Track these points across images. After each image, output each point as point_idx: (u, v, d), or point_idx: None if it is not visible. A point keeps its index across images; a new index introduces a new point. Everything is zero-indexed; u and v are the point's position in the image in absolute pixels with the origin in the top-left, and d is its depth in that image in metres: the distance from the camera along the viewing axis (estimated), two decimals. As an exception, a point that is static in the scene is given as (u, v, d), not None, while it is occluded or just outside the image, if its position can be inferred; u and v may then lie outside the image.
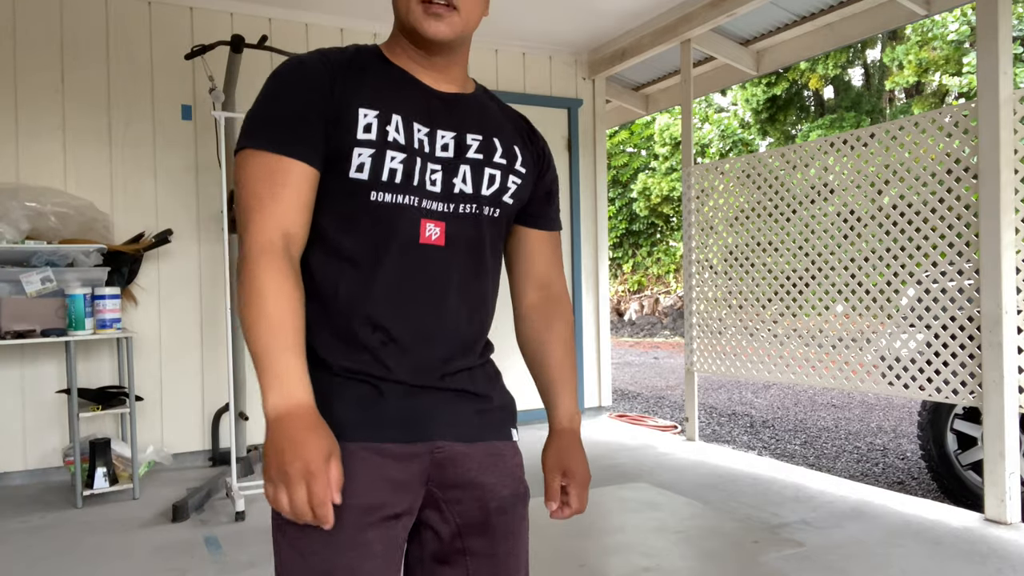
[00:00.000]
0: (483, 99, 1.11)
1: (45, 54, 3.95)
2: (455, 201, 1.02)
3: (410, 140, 0.98)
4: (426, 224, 1.00)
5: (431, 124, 1.01)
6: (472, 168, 1.03)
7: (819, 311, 3.88)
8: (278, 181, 0.92)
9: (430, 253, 1.00)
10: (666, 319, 16.04)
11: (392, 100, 1.00)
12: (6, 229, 3.49)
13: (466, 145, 1.03)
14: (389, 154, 0.96)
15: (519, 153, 1.08)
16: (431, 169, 1.00)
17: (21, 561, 2.75)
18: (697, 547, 2.81)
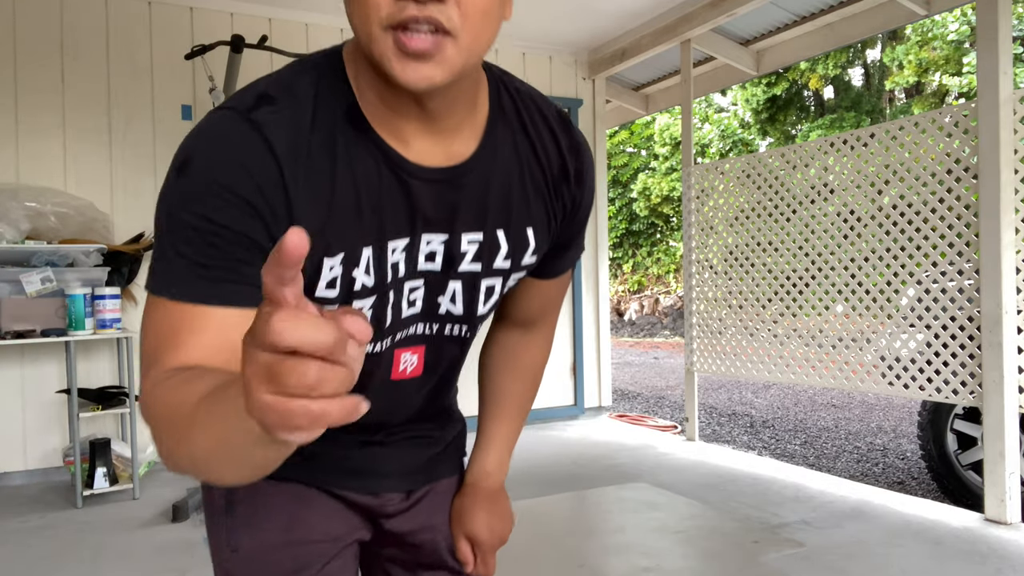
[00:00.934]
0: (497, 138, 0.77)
1: (45, 54, 3.95)
2: (440, 322, 0.82)
3: (382, 276, 0.74)
4: (401, 355, 0.82)
5: (413, 230, 0.74)
6: (464, 284, 0.80)
7: (819, 311, 3.88)
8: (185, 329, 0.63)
9: (402, 385, 0.85)
10: (666, 319, 16.04)
11: (366, 222, 0.70)
12: (6, 229, 3.49)
13: (459, 254, 0.77)
14: (355, 304, 0.74)
15: (531, 237, 0.81)
16: (409, 289, 0.77)
17: (21, 561, 2.75)
18: (697, 547, 2.81)
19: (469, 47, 0.63)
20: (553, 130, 0.81)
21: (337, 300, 0.72)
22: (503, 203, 0.78)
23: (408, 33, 0.60)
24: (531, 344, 1.00)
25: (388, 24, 0.60)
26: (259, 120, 0.66)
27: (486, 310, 0.84)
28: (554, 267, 0.90)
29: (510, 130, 0.79)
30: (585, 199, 0.86)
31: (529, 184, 0.80)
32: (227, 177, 0.63)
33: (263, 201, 0.64)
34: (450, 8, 0.60)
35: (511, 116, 0.79)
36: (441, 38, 0.61)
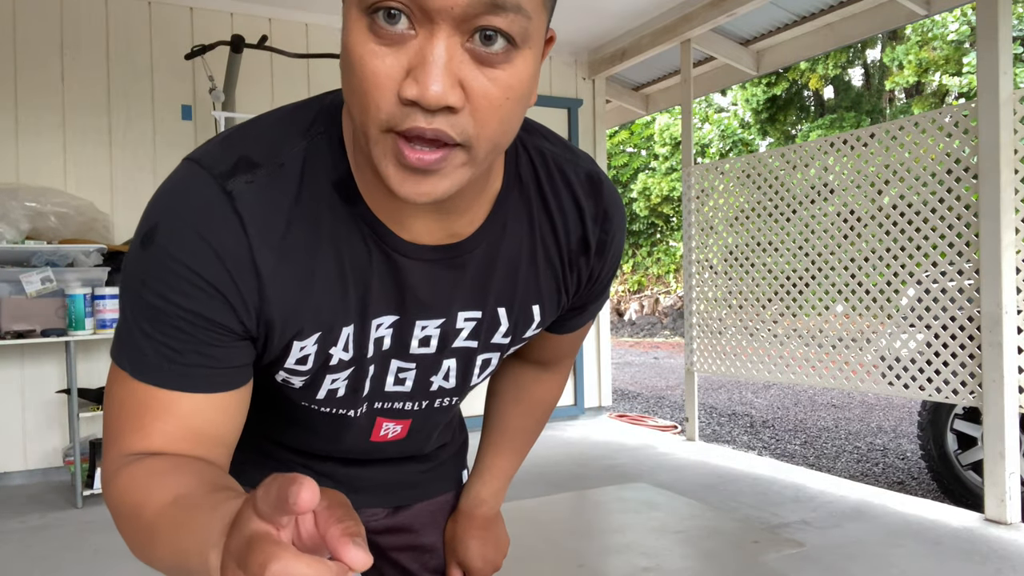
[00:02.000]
0: (508, 212, 0.69)
1: (45, 54, 3.95)
2: (431, 398, 0.78)
3: (362, 351, 0.68)
4: (383, 424, 0.78)
5: (404, 310, 0.67)
6: (459, 360, 0.74)
7: (819, 311, 3.88)
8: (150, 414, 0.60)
9: (384, 444, 0.83)
10: (666, 319, 16.04)
11: (348, 301, 0.65)
12: (6, 229, 3.49)
13: (455, 331, 0.71)
14: (329, 377, 0.69)
15: (537, 314, 0.75)
16: (398, 368, 0.72)
17: (21, 561, 2.75)
18: (697, 547, 2.81)
19: (485, 156, 0.54)
20: (577, 198, 0.71)
21: (309, 373, 0.68)
22: (508, 282, 0.71)
23: (411, 144, 0.51)
24: (544, 382, 0.94)
25: (388, 128, 0.51)
26: (234, 192, 0.58)
27: (480, 380, 0.79)
28: (570, 325, 0.84)
29: (526, 201, 0.70)
30: (606, 269, 0.77)
31: (541, 260, 0.72)
32: (192, 259, 0.57)
33: (232, 287, 0.59)
34: (463, 119, 0.51)
35: (529, 185, 0.70)
36: (449, 151, 0.52)
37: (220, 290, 0.58)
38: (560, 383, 0.96)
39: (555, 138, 0.74)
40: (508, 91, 0.52)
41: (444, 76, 0.48)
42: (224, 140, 0.62)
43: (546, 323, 0.77)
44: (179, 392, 0.60)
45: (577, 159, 0.73)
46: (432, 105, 0.48)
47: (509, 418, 0.95)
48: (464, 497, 0.97)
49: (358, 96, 0.52)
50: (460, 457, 1.00)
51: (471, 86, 0.50)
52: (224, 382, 0.62)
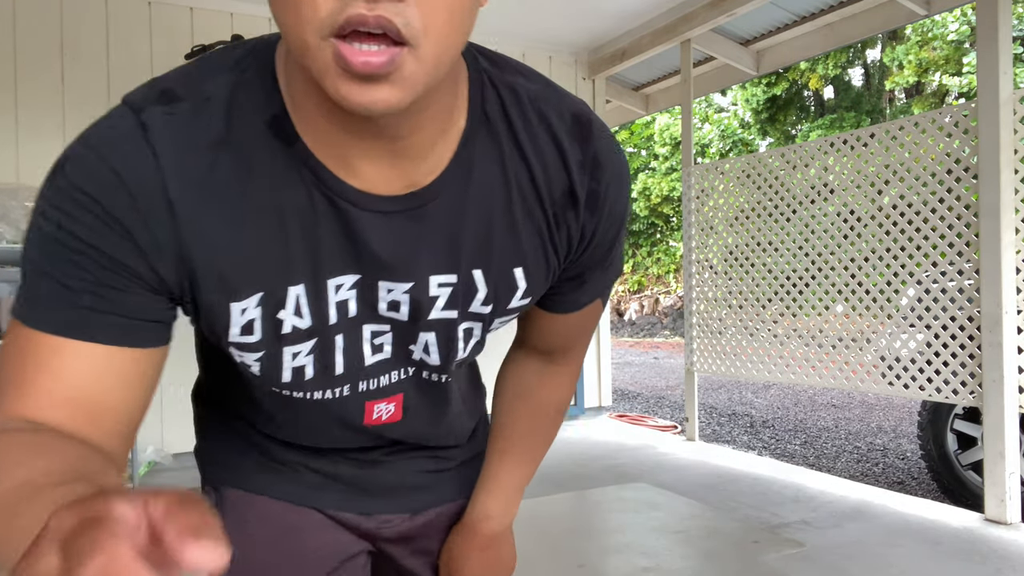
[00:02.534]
0: (476, 155, 0.60)
1: (45, 54, 3.96)
2: (416, 367, 0.69)
3: (322, 316, 0.60)
4: (373, 407, 0.70)
5: (362, 269, 0.59)
6: (439, 334, 0.65)
7: (819, 311, 3.88)
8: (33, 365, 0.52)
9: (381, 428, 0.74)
10: (666, 319, 16.05)
11: (290, 256, 0.57)
12: (6, 229, 3.49)
13: (428, 300, 0.62)
14: (288, 350, 0.61)
15: (521, 278, 0.65)
16: (372, 333, 0.64)
17: (21, 561, 2.75)
18: (697, 547, 2.81)
19: (436, 57, 0.47)
20: (559, 141, 0.61)
21: (262, 346, 0.60)
22: (482, 238, 0.61)
23: (354, 46, 0.44)
24: (552, 378, 0.84)
25: (329, 31, 0.44)
26: (148, 122, 0.52)
27: (467, 355, 0.70)
28: (573, 301, 0.73)
29: (495, 143, 0.60)
30: (603, 228, 0.66)
31: (520, 213, 0.62)
32: (94, 185, 0.50)
33: (141, 223, 0.52)
34: (409, 8, 0.44)
35: (498, 124, 0.60)
36: (397, 51, 0.45)
37: (126, 226, 0.51)
38: (569, 380, 0.85)
39: (534, 75, 0.63)
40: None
41: None
42: (154, 79, 0.56)
43: (536, 292, 0.68)
44: (69, 340, 0.51)
45: (561, 97, 0.63)
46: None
47: (516, 419, 0.85)
48: (470, 510, 0.86)
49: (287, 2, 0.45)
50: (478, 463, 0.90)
51: None
52: (123, 335, 0.53)
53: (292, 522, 0.78)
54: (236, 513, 0.78)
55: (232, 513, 0.78)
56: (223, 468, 0.80)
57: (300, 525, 0.79)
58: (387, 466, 0.81)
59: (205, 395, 0.83)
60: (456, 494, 0.88)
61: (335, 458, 0.78)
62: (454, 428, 0.83)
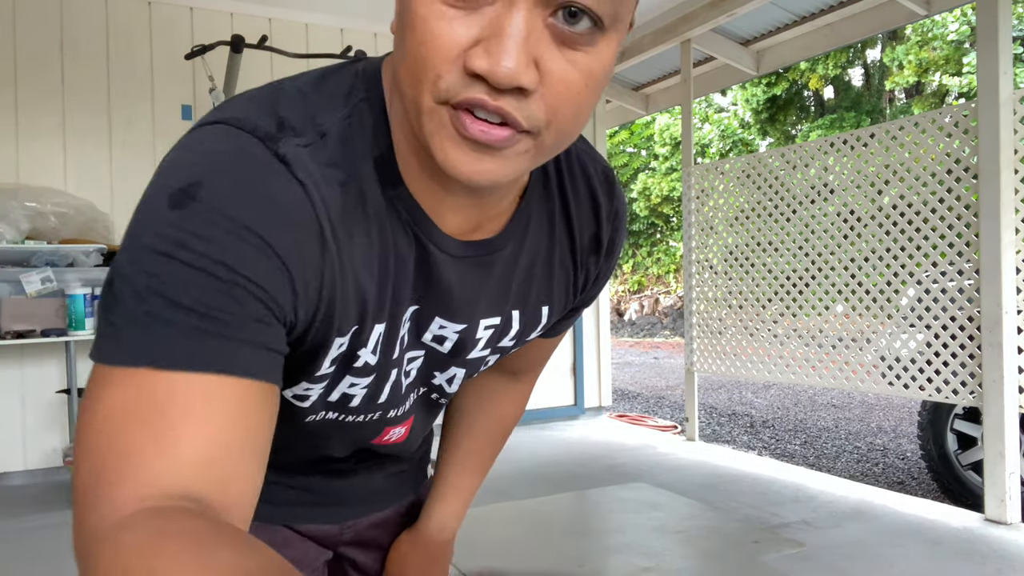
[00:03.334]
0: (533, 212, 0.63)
1: (45, 54, 3.96)
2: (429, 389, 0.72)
3: (389, 351, 0.61)
4: (390, 431, 0.73)
5: (425, 305, 0.61)
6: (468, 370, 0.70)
7: (819, 311, 3.88)
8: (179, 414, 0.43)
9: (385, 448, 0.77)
10: (666, 319, 16.05)
11: (384, 293, 0.57)
12: (6, 229, 3.49)
13: (474, 340, 0.66)
14: (348, 380, 0.61)
15: (545, 315, 0.70)
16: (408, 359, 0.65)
17: (21, 561, 2.75)
18: (697, 547, 2.81)
19: (553, 147, 0.48)
20: (595, 195, 0.67)
21: (327, 378, 0.60)
22: (525, 283, 0.66)
23: (471, 119, 0.44)
24: (511, 394, 0.88)
25: (445, 100, 0.45)
26: (288, 156, 0.49)
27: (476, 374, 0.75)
28: (556, 329, 0.79)
29: (549, 197, 0.65)
30: (608, 269, 0.73)
31: (557, 260, 0.67)
32: (255, 218, 0.45)
33: (297, 258, 0.48)
34: (533, 104, 0.44)
35: (552, 180, 0.65)
36: (516, 133, 0.45)
37: (282, 259, 0.47)
38: (526, 396, 0.90)
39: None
40: (588, 77, 0.45)
41: (520, 52, 0.42)
42: (249, 101, 0.52)
43: (549, 325, 0.72)
44: (225, 377, 0.43)
45: (595, 155, 0.69)
46: (502, 83, 0.42)
47: (475, 434, 0.87)
48: (426, 520, 0.87)
49: (415, 61, 0.45)
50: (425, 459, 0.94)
51: (548, 67, 0.44)
52: (273, 370, 0.47)
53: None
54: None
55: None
56: None
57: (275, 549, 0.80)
58: (357, 475, 0.82)
59: None
60: (409, 492, 0.91)
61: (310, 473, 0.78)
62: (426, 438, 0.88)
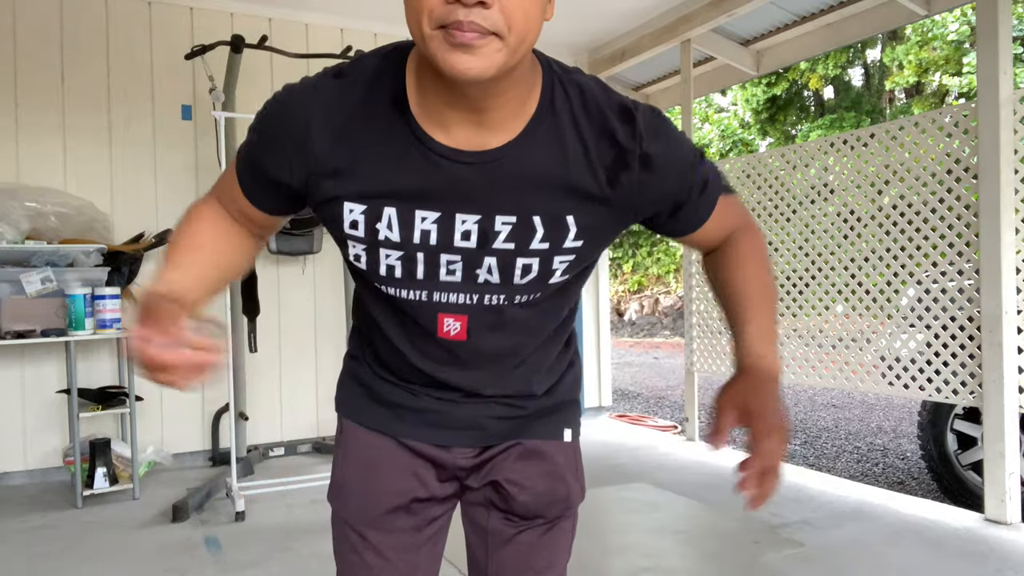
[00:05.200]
0: (540, 133, 0.81)
1: (45, 54, 3.95)
2: (479, 292, 0.88)
3: (408, 235, 0.83)
4: (444, 319, 0.90)
5: (445, 207, 0.82)
6: (500, 259, 0.85)
7: (819, 311, 3.88)
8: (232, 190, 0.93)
9: (451, 345, 0.92)
10: (666, 319, 16.04)
11: (389, 185, 0.81)
12: (6, 229, 3.49)
13: (494, 232, 0.83)
14: (383, 252, 0.85)
15: (572, 223, 0.84)
16: (447, 261, 0.85)
17: (21, 561, 2.75)
18: (697, 547, 2.81)
19: (513, 47, 0.71)
20: (608, 124, 0.83)
21: (364, 242, 0.84)
22: (536, 192, 0.82)
23: (457, 31, 0.68)
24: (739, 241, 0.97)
25: (439, 24, 0.69)
26: (319, 85, 0.83)
27: (524, 283, 0.87)
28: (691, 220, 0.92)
29: (559, 127, 0.82)
30: (665, 175, 0.85)
31: (575, 178, 0.82)
32: (279, 126, 0.83)
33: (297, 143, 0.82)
34: (494, 13, 0.68)
35: (563, 114, 0.82)
36: (486, 37, 0.69)
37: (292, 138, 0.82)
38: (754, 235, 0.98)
39: (595, 79, 0.87)
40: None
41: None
42: (344, 60, 0.92)
43: (590, 235, 0.86)
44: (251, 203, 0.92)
45: (612, 94, 0.85)
46: (468, 1, 0.66)
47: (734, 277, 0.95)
48: (742, 359, 0.91)
49: (413, 10, 0.70)
50: (565, 415, 1.04)
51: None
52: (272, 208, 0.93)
53: (378, 460, 1.00)
54: (344, 436, 1.05)
55: (343, 435, 1.05)
56: (344, 405, 1.06)
57: (383, 464, 1.00)
58: (463, 407, 0.99)
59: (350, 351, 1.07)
60: (537, 434, 1.02)
61: (423, 397, 0.99)
62: (529, 382, 0.99)
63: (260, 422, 4.33)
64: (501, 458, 1.01)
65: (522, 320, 0.92)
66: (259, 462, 4.19)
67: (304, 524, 3.09)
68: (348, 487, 1.01)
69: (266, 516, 3.19)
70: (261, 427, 4.35)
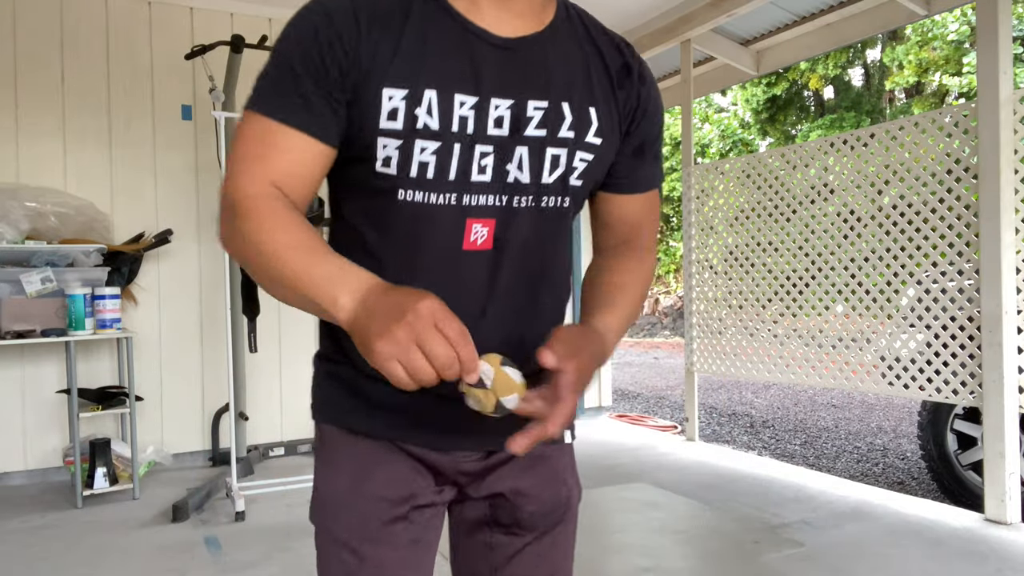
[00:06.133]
0: (562, 32, 0.89)
1: (45, 54, 3.95)
2: (508, 193, 0.85)
3: (447, 122, 0.80)
4: (472, 225, 0.84)
5: (481, 91, 0.81)
6: (531, 149, 0.85)
7: (819, 311, 3.88)
8: (269, 143, 0.79)
9: (473, 260, 0.85)
10: (666, 319, 16.04)
11: (430, 66, 0.80)
12: (6, 229, 3.49)
13: (526, 118, 0.84)
14: (419, 145, 0.80)
15: (594, 117, 0.88)
16: (480, 153, 0.83)
17: (21, 561, 2.75)
18: (697, 547, 2.81)
19: None
20: (615, 40, 0.95)
21: (400, 136, 0.80)
22: (565, 80, 0.86)
23: None
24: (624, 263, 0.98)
25: None
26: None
27: (551, 180, 0.87)
28: (634, 179, 0.96)
29: (574, 33, 0.91)
30: (652, 102, 0.94)
31: (593, 72, 0.89)
32: (312, 25, 0.79)
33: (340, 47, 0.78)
34: None
35: (576, 24, 0.92)
36: None
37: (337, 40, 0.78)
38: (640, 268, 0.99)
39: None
40: None
41: None
42: None
43: (605, 135, 0.89)
44: (294, 129, 0.78)
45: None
46: None
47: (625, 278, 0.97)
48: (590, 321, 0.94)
49: None
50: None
51: None
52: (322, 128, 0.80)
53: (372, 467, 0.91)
54: (329, 445, 0.94)
55: (326, 446, 0.94)
56: (325, 409, 0.95)
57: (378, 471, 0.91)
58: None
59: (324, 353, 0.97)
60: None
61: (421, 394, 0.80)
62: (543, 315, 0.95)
63: (260, 422, 4.33)
64: (508, 467, 0.95)
65: (541, 238, 0.89)
66: (259, 462, 4.19)
67: (304, 524, 3.08)
68: (339, 499, 0.91)
69: (266, 516, 3.19)
70: (261, 427, 4.35)
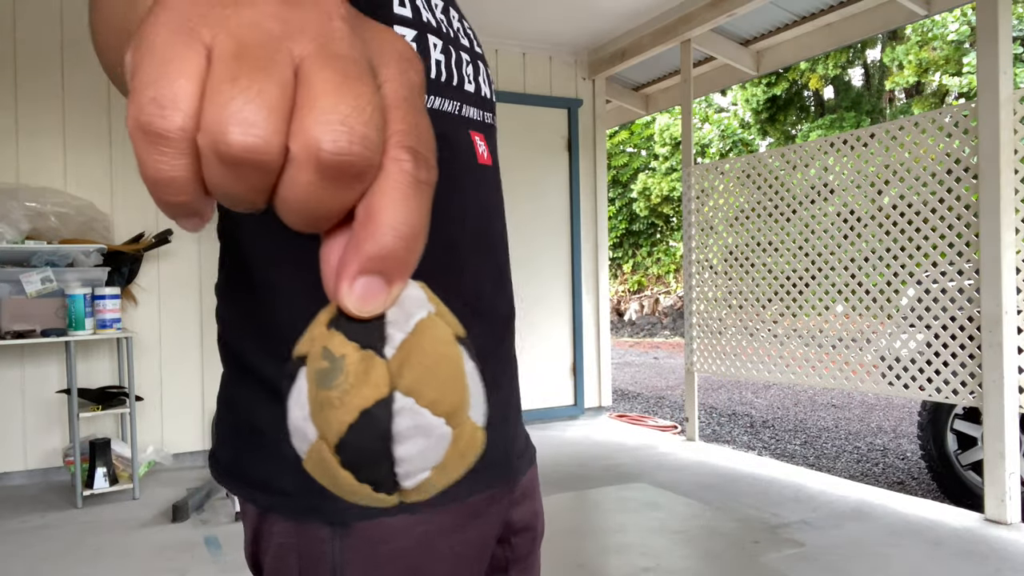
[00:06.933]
0: None
1: (45, 54, 3.95)
2: (482, 107, 0.78)
3: (439, 20, 0.72)
4: (475, 137, 0.75)
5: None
6: (478, 63, 0.78)
7: (819, 311, 3.88)
8: None
9: (487, 176, 0.74)
10: (666, 319, 16.04)
11: None
12: (6, 229, 3.49)
13: (465, 33, 0.77)
14: (431, 41, 0.69)
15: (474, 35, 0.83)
16: (465, 61, 0.75)
17: (21, 561, 2.75)
18: (697, 547, 2.81)
19: None
20: None
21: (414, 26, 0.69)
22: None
23: None
24: None
25: None
26: None
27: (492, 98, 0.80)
28: None
29: None
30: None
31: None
32: None
33: None
34: None
35: None
36: None
37: None
38: None
39: None
40: None
41: None
42: None
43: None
44: None
45: None
46: None
47: None
48: None
49: None
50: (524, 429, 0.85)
51: None
52: None
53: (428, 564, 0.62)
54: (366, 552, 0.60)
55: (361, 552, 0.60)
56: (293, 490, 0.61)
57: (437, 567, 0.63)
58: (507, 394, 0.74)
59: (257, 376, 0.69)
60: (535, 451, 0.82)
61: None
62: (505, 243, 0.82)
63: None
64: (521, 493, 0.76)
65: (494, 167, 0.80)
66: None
67: (304, 524, 3.09)
68: None
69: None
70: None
